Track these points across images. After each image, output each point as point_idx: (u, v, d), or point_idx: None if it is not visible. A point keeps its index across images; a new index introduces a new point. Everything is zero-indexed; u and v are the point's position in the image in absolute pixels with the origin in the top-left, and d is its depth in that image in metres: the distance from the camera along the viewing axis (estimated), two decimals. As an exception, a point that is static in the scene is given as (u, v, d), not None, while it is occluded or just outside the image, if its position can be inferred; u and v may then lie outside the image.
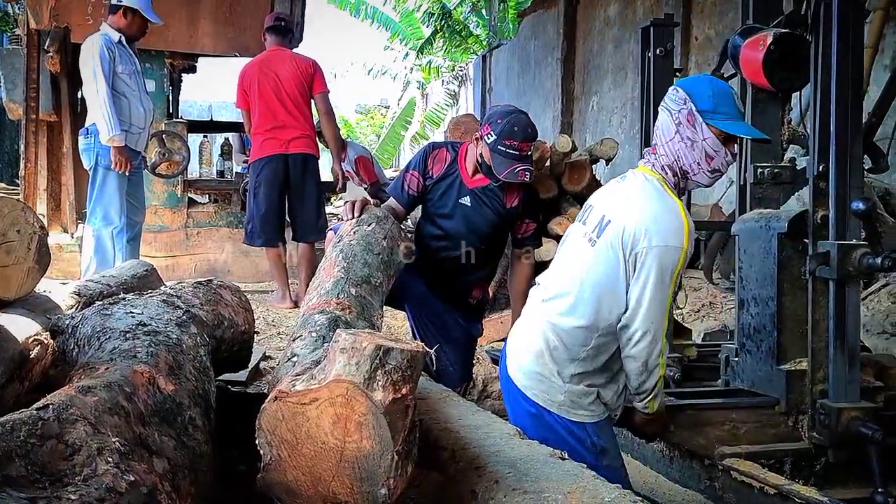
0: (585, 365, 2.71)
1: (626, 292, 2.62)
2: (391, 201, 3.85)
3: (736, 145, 2.69)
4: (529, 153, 3.58)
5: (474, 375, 4.77)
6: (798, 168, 3.74)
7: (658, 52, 4.19)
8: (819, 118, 3.16)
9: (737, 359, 3.58)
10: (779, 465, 3.19)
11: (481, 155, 3.62)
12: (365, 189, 8.43)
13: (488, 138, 3.56)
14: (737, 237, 3.62)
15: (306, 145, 6.12)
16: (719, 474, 3.19)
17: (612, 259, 2.62)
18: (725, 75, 4.34)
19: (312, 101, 6.20)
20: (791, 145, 3.82)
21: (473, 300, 4.00)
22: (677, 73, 4.30)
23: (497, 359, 4.14)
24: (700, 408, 3.31)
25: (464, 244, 3.79)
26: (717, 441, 3.25)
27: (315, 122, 6.32)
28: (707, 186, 2.70)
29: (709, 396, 3.49)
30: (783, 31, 3.41)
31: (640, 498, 1.80)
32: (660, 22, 4.30)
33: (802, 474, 3.22)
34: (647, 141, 4.08)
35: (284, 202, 6.17)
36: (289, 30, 6.29)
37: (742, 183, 3.72)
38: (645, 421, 2.88)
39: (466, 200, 3.75)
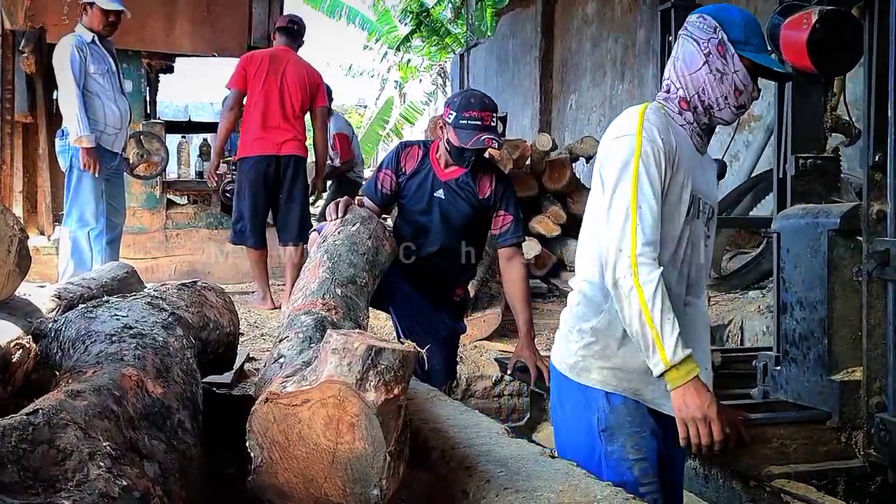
0: (603, 322, 2.32)
1: None
2: (364, 201, 3.84)
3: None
4: (492, 124, 3.58)
5: (458, 374, 4.76)
6: (840, 157, 3.50)
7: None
8: (874, 103, 2.92)
9: (778, 368, 3.30)
10: (831, 486, 2.93)
11: (448, 141, 3.63)
12: (336, 165, 8.48)
13: (450, 118, 3.61)
14: (776, 235, 3.35)
15: (297, 148, 6.06)
16: (765, 496, 2.91)
17: (596, 193, 2.34)
18: None
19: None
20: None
21: (457, 297, 4.01)
22: None
23: (503, 364, 4.12)
24: (747, 424, 2.90)
25: (442, 239, 3.77)
26: (765, 460, 2.96)
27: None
28: (729, 123, 2.40)
29: (751, 410, 3.19)
30: (829, 7, 3.12)
31: (632, 496, 1.80)
32: (681, 4, 3.97)
33: (857, 496, 2.96)
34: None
35: (269, 204, 6.09)
36: (300, 34, 6.27)
37: (781, 176, 3.45)
38: (678, 400, 2.15)
39: (441, 193, 3.74)
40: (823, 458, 3.02)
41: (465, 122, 3.57)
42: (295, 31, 6.22)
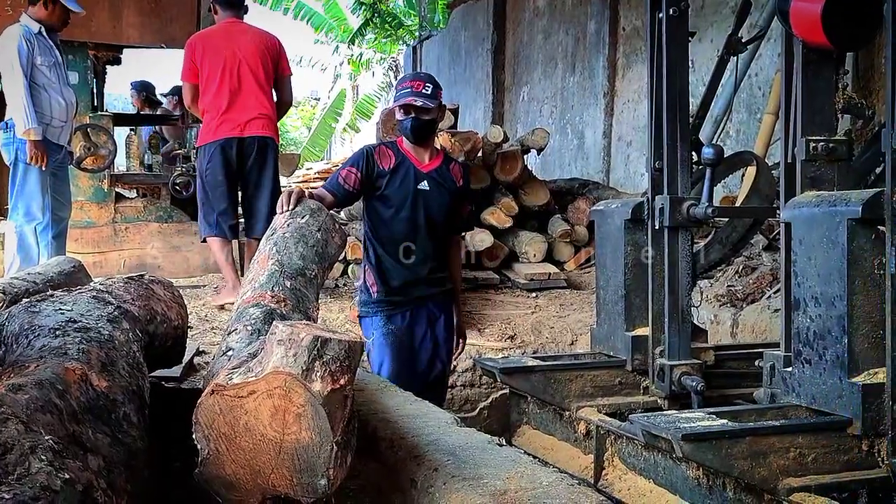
0: None
1: None
2: (321, 192, 3.83)
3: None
4: (424, 91, 3.77)
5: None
6: (854, 140, 3.31)
7: (672, 11, 3.73)
8: None
9: (789, 369, 3.08)
10: (853, 499, 2.77)
11: (397, 120, 3.88)
12: None
13: (393, 101, 3.89)
14: (785, 225, 3.22)
15: (264, 126, 5.60)
16: None
17: None
18: (744, 40, 4.22)
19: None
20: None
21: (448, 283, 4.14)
22: (691, 37, 3.94)
23: (488, 368, 4.11)
24: (761, 433, 2.80)
25: (426, 231, 3.87)
26: (781, 471, 2.77)
27: None
28: None
29: (760, 416, 3.01)
30: None
31: (578, 481, 1.83)
32: None
33: None
34: (658, 114, 3.85)
35: (237, 191, 5.68)
36: (241, 1, 5.81)
37: (790, 160, 3.25)
38: None
39: (425, 185, 3.86)
40: (844, 469, 2.82)
41: (398, 94, 3.83)
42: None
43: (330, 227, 3.41)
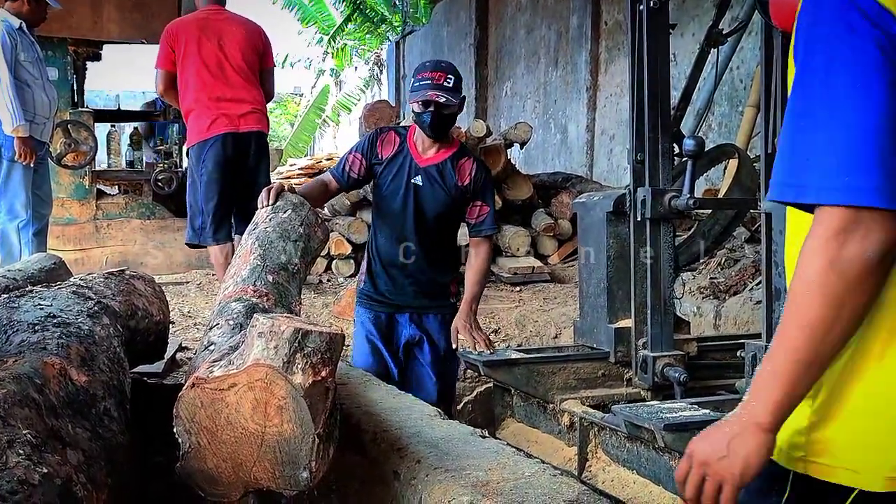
0: None
1: None
2: (327, 176, 3.75)
3: None
4: (445, 84, 3.51)
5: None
6: None
7: (652, 3, 3.76)
8: None
9: None
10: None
11: (412, 111, 3.60)
12: None
13: (410, 91, 3.58)
14: (765, 216, 3.26)
15: (259, 121, 5.30)
16: None
17: None
18: (725, 32, 4.18)
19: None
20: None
21: (454, 298, 3.83)
22: (672, 30, 3.94)
23: (472, 362, 4.04)
24: None
25: (417, 227, 3.66)
26: None
27: None
28: None
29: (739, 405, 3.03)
30: None
31: (560, 471, 1.84)
32: None
33: None
34: (639, 106, 3.86)
35: (233, 191, 5.28)
36: None
37: (770, 151, 3.30)
38: None
39: (419, 180, 3.64)
40: None
41: (417, 84, 3.54)
42: None
43: (312, 222, 3.40)
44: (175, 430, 1.71)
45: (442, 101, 3.49)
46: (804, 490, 1.29)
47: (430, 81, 3.50)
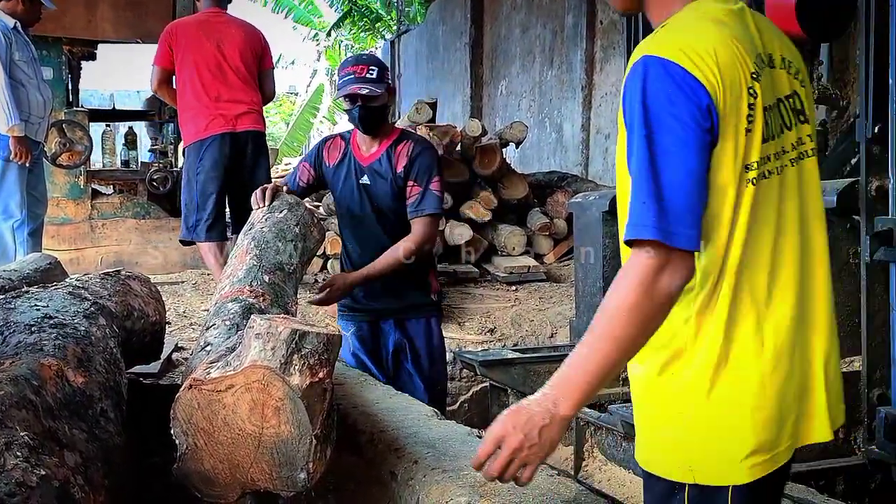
0: None
1: None
2: (283, 182, 3.76)
3: None
4: (368, 75, 3.46)
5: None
6: (829, 132, 3.28)
7: None
8: (872, 71, 2.68)
9: None
10: (829, 486, 2.73)
11: (345, 111, 3.59)
12: None
13: (337, 89, 3.57)
14: None
15: (255, 121, 5.36)
16: None
17: None
18: None
19: None
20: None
21: (435, 294, 3.77)
22: None
23: (468, 362, 3.99)
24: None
25: (381, 227, 3.60)
26: None
27: None
28: None
29: None
30: None
31: (557, 471, 1.84)
32: None
33: (856, 495, 2.78)
34: None
35: (228, 190, 5.33)
36: None
37: None
38: None
39: (366, 179, 3.60)
40: (821, 457, 2.82)
41: (341, 82, 3.52)
42: None
43: (308, 222, 3.40)
44: (172, 431, 1.71)
45: (364, 92, 3.44)
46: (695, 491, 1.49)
47: (352, 76, 3.47)
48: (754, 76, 1.43)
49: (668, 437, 1.52)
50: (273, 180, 4.71)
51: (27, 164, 5.43)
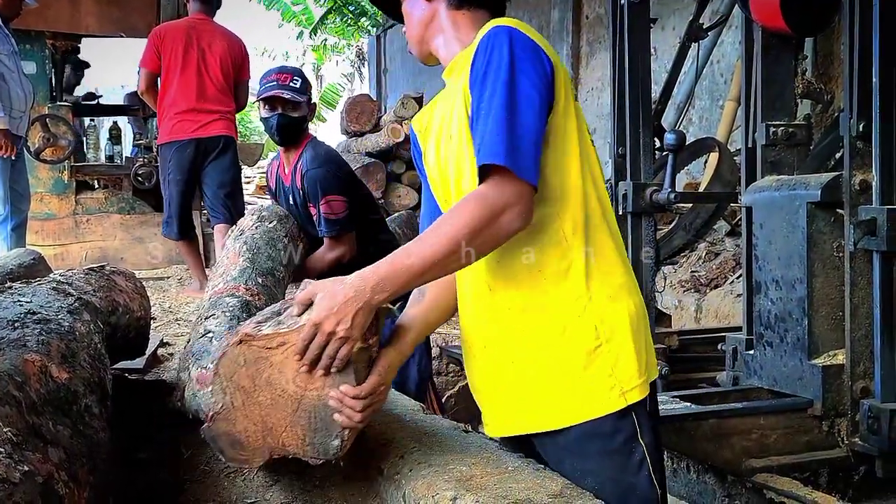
0: None
1: None
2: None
3: None
4: (292, 84, 3.40)
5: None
6: (813, 126, 3.31)
7: None
8: (857, 65, 2.69)
9: (751, 352, 3.10)
10: (813, 478, 2.77)
11: (261, 119, 3.53)
12: None
13: (257, 95, 3.52)
14: (746, 209, 3.22)
15: (226, 127, 5.56)
16: (743, 491, 2.77)
17: None
18: (705, 27, 4.23)
19: None
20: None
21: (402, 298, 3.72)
22: (653, 24, 3.97)
23: (454, 356, 3.97)
24: (724, 415, 2.81)
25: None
26: (744, 453, 2.79)
27: None
28: None
29: (723, 398, 3.03)
30: None
31: (543, 465, 1.84)
32: None
33: (839, 487, 2.80)
34: (620, 100, 3.87)
35: (194, 191, 5.67)
36: None
37: (750, 145, 3.28)
38: None
39: (292, 199, 3.55)
40: (805, 449, 2.85)
41: (263, 88, 3.44)
42: None
43: (296, 235, 3.43)
44: (211, 388, 1.70)
45: (286, 96, 3.38)
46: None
47: (275, 82, 3.41)
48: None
49: (592, 375, 1.68)
50: (256, 175, 4.76)
51: (12, 157, 5.40)
